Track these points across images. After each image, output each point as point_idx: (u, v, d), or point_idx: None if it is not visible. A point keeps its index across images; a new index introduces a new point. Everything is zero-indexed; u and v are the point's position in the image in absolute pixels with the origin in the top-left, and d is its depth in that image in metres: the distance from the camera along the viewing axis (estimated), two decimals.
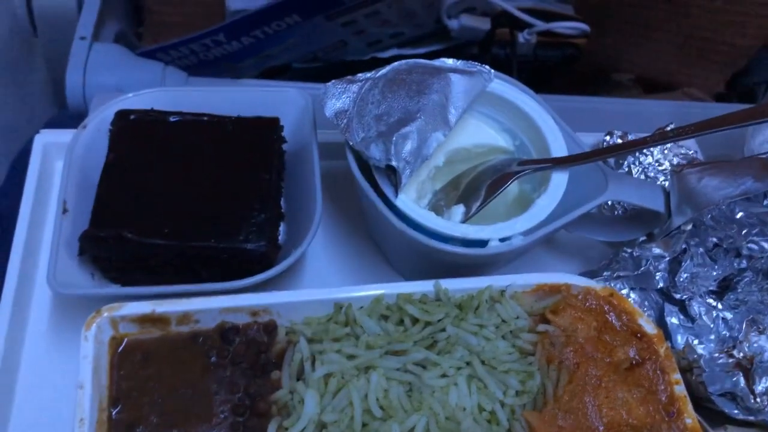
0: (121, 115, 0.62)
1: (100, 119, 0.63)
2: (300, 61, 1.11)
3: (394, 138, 0.56)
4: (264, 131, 0.64)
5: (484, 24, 0.99)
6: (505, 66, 1.05)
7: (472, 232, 0.56)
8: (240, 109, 0.66)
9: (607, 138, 0.73)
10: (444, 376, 0.52)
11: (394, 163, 0.55)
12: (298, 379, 0.51)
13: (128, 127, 0.62)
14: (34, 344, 0.59)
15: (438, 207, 0.61)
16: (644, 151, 0.70)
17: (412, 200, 0.57)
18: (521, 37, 1.00)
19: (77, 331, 0.51)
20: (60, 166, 0.68)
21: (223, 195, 0.59)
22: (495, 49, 1.03)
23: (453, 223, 0.57)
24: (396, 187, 0.56)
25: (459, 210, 0.59)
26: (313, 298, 0.54)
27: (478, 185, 0.62)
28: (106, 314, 0.51)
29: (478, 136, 0.65)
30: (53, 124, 0.96)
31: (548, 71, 1.05)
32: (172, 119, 0.63)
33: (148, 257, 0.57)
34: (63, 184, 0.59)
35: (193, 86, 0.81)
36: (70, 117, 0.89)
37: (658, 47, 1.05)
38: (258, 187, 0.60)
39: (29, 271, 0.60)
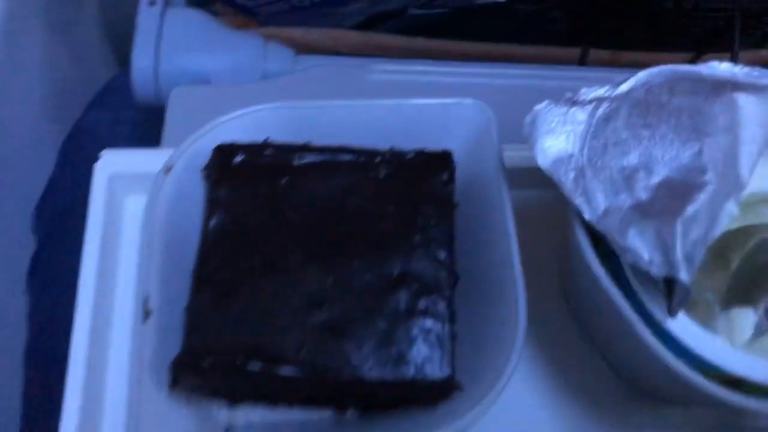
0: (223, 154, 0.42)
1: (190, 155, 0.42)
2: (416, 5, 0.87)
3: (678, 226, 0.34)
4: (429, 174, 0.42)
5: None
6: (690, 15, 0.79)
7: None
8: (386, 129, 0.44)
9: None
10: None
11: (682, 275, 0.33)
12: None
13: (234, 175, 0.41)
14: None
15: (696, 301, 0.39)
16: None
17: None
18: None
19: None
20: (130, 206, 0.49)
21: (380, 288, 0.38)
22: None
23: (758, 361, 0.35)
24: (670, 301, 0.35)
25: (747, 319, 0.37)
26: None
27: (763, 269, 0.39)
28: None
29: (755, 178, 0.42)
30: (106, 96, 0.78)
31: (756, 25, 0.79)
32: (297, 160, 0.42)
33: (275, 392, 0.38)
34: (143, 270, 0.39)
35: (304, 67, 0.58)
36: (128, 90, 0.70)
37: None
38: (432, 276, 0.39)
39: (95, 384, 0.42)
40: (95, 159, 0.48)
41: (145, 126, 0.74)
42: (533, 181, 0.48)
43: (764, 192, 0.42)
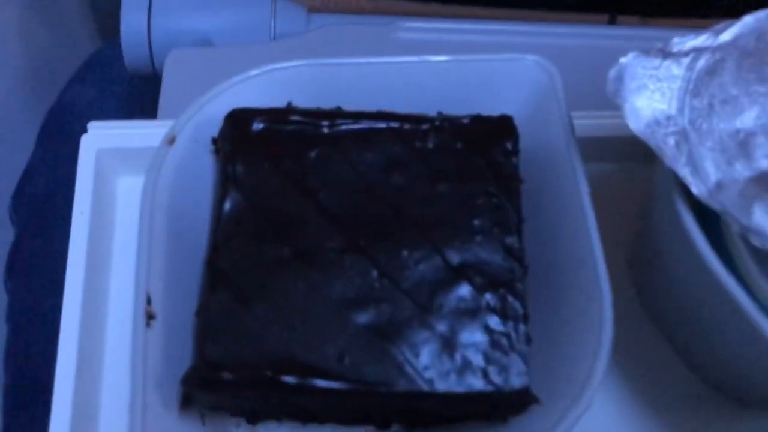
0: (238, 122, 0.34)
1: (196, 124, 0.35)
2: None
3: None
4: (490, 143, 0.35)
5: None
6: None
7: None
8: (430, 93, 0.37)
9: None
10: None
11: None
12: None
13: (252, 146, 0.34)
14: None
15: None
16: None
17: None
18: None
19: None
20: (124, 187, 0.41)
21: (436, 282, 0.31)
22: None
23: None
24: None
25: None
26: None
27: None
28: None
29: None
30: (89, 70, 0.71)
31: None
32: (328, 128, 0.34)
33: (309, 406, 0.31)
34: (142, 263, 0.32)
35: (318, 26, 0.51)
36: (120, 58, 0.63)
37: None
38: (499, 266, 0.32)
39: (87, 401, 0.35)
40: (78, 139, 0.41)
41: (134, 101, 0.67)
42: (604, 153, 0.41)
43: None
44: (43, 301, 0.60)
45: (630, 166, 0.42)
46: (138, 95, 0.66)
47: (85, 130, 0.41)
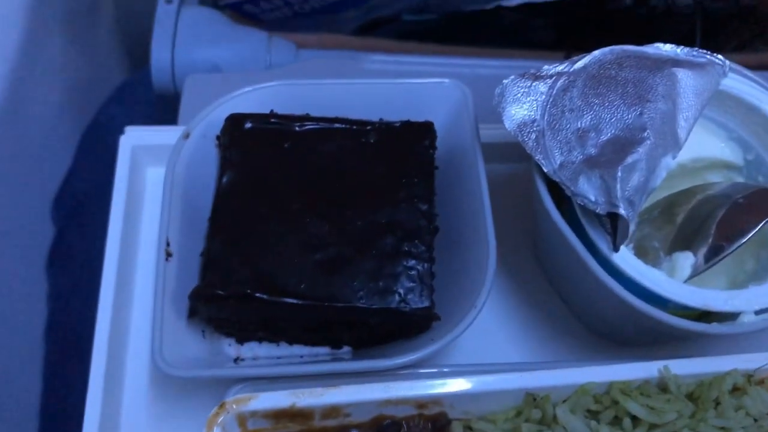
0: (234, 122, 0.48)
1: (205, 125, 0.49)
2: (409, 11, 0.94)
3: (618, 172, 0.40)
4: (414, 140, 0.48)
5: None
6: (662, 22, 0.86)
7: (720, 301, 0.41)
8: (375, 105, 0.51)
9: None
10: None
11: (622, 211, 0.39)
12: None
13: (244, 139, 0.47)
14: (131, 422, 0.47)
15: (646, 248, 0.46)
16: None
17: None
18: None
19: (184, 401, 0.42)
20: (151, 174, 0.55)
21: (370, 234, 0.45)
22: None
23: (693, 289, 0.41)
24: (614, 236, 0.41)
25: (687, 260, 0.43)
26: (500, 387, 0.41)
27: (703, 221, 0.46)
28: (232, 410, 0.39)
29: (698, 146, 0.48)
30: (123, 93, 0.83)
31: (715, 28, 0.86)
32: (298, 127, 0.48)
33: (278, 319, 0.44)
34: (164, 218, 0.45)
35: (304, 61, 0.65)
36: (143, 87, 0.76)
37: None
38: (414, 224, 0.45)
39: (122, 321, 0.48)
40: (112, 150, 0.54)
41: (157, 118, 0.80)
42: (507, 155, 0.54)
43: (707, 158, 0.49)
44: (80, 284, 0.71)
45: (524, 166, 0.55)
46: (160, 114, 0.79)
47: (117, 143, 0.55)
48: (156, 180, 0.54)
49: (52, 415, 0.69)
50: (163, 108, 0.76)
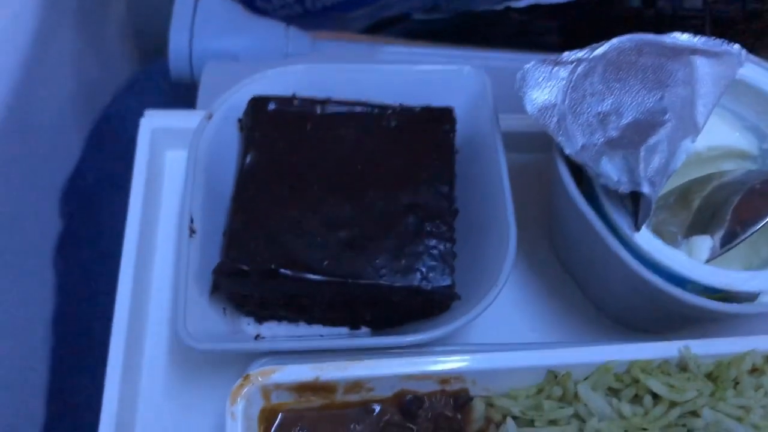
0: (257, 104, 0.48)
1: (227, 106, 0.49)
2: (419, 10, 0.95)
3: (642, 152, 0.40)
4: (434, 124, 0.49)
5: None
6: (670, 25, 0.87)
7: (740, 281, 0.41)
8: (395, 91, 0.51)
9: None
10: None
11: (645, 189, 0.40)
12: None
13: (266, 121, 0.48)
14: (150, 396, 0.47)
15: (663, 233, 0.46)
16: None
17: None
18: None
19: (203, 378, 0.42)
20: (170, 157, 0.55)
21: (391, 214, 0.45)
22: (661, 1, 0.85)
23: (714, 269, 0.42)
24: (636, 216, 0.41)
25: (705, 243, 0.44)
26: (522, 364, 0.41)
27: (719, 207, 0.46)
28: (257, 382, 0.39)
29: (713, 135, 0.49)
30: (135, 85, 0.83)
31: (722, 32, 0.87)
32: (320, 110, 0.48)
33: (301, 296, 0.44)
34: (187, 195, 0.45)
35: (320, 48, 0.66)
36: (156, 79, 0.76)
37: None
38: (435, 205, 0.45)
39: (142, 297, 0.48)
40: (123, 141, 0.54)
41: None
42: (522, 146, 0.55)
43: (722, 146, 0.50)
44: (91, 273, 0.71)
45: (538, 156, 0.55)
46: (172, 105, 0.79)
47: (128, 134, 0.55)
48: (175, 163, 0.54)
49: (60, 402, 0.69)
50: (175, 99, 0.77)
